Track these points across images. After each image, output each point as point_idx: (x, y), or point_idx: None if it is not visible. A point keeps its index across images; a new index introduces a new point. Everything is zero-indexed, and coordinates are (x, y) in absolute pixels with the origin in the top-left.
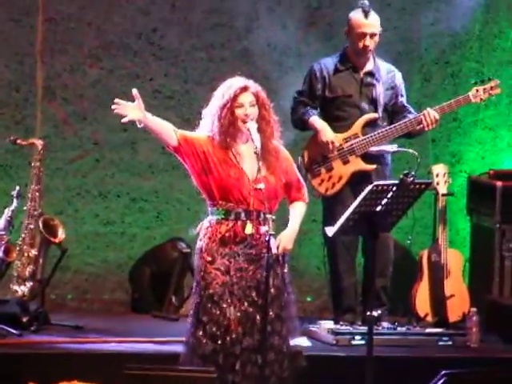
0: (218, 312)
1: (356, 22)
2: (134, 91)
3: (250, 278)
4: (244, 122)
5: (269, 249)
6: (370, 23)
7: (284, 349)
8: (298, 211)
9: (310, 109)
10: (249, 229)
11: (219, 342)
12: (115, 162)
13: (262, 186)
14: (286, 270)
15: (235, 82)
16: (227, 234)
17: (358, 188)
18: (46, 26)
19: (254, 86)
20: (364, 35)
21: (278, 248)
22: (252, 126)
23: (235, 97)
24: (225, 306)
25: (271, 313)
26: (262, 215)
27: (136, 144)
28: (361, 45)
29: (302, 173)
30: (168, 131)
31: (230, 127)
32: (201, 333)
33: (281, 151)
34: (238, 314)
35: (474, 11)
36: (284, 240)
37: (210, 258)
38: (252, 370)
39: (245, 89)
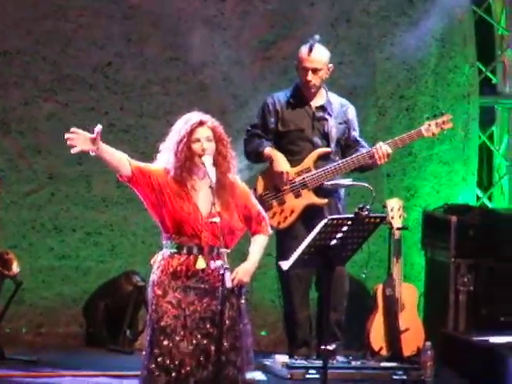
0: (171, 344)
1: (300, 56)
2: (98, 128)
3: (204, 310)
4: (200, 156)
5: (223, 282)
6: (313, 59)
7: (239, 380)
8: (258, 244)
9: (264, 140)
10: (200, 263)
11: (173, 374)
12: (70, 195)
13: (216, 219)
14: (242, 301)
15: (192, 117)
16: (179, 268)
17: (311, 222)
18: (0, 60)
19: (211, 121)
20: (306, 70)
21: (233, 280)
22: (207, 160)
23: (192, 131)
24: (177, 338)
25: (226, 343)
26: (215, 250)
27: (91, 177)
28: (304, 79)
29: None
30: (122, 161)
31: (186, 162)
32: (153, 365)
33: (238, 186)
34: (191, 348)
35: (429, 46)
36: (241, 272)
37: (161, 292)
38: None
39: (201, 123)
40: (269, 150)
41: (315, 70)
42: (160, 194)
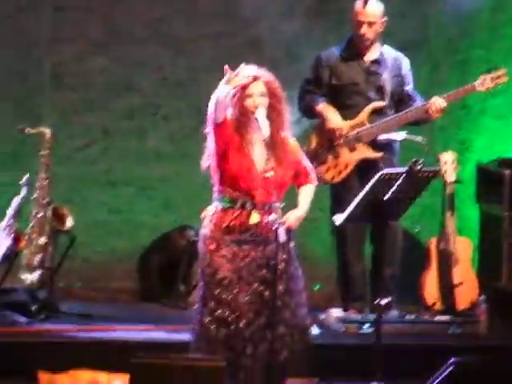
0: (230, 297)
1: (355, 10)
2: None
3: (259, 258)
4: (253, 112)
5: (277, 237)
6: (368, 12)
7: (294, 322)
8: (307, 193)
9: (317, 96)
10: (254, 218)
11: (232, 327)
12: (123, 149)
13: (270, 173)
14: (291, 245)
15: (247, 71)
16: (232, 223)
17: (366, 176)
18: (54, 15)
19: (265, 76)
20: (361, 23)
21: (286, 229)
22: (260, 114)
23: (245, 87)
24: (235, 291)
25: (280, 287)
26: (267, 205)
27: (144, 132)
28: (359, 32)
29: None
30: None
31: (240, 117)
32: (209, 319)
33: (289, 142)
34: (248, 298)
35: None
36: (291, 218)
37: (214, 246)
38: (263, 347)
39: (255, 78)
40: (321, 107)
41: (370, 24)
42: (226, 145)
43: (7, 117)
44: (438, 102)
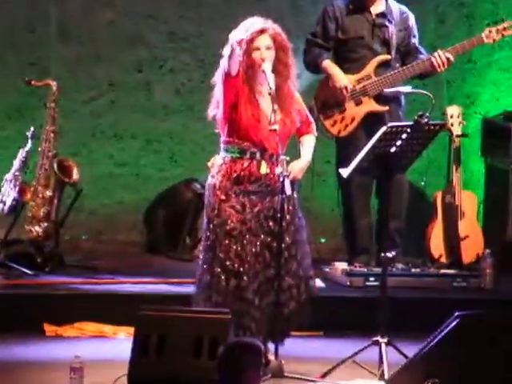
0: (239, 248)
1: None
2: None
3: (267, 209)
4: (260, 65)
5: (283, 190)
6: None
7: (300, 273)
8: (309, 143)
9: (323, 51)
10: (264, 168)
11: (244, 277)
12: (130, 103)
13: (276, 127)
14: (295, 196)
15: (253, 24)
16: (242, 173)
17: (372, 129)
18: None
19: (272, 28)
20: None
21: (291, 182)
22: (267, 67)
23: (251, 40)
24: (245, 242)
25: (287, 238)
26: (275, 156)
27: (151, 85)
28: None
29: (315, 114)
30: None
31: (248, 70)
32: (219, 269)
33: (294, 93)
34: (256, 249)
35: None
36: (295, 169)
37: (224, 197)
38: (269, 299)
39: (261, 31)
40: (327, 63)
41: None
42: (236, 96)
43: (13, 69)
44: (443, 55)
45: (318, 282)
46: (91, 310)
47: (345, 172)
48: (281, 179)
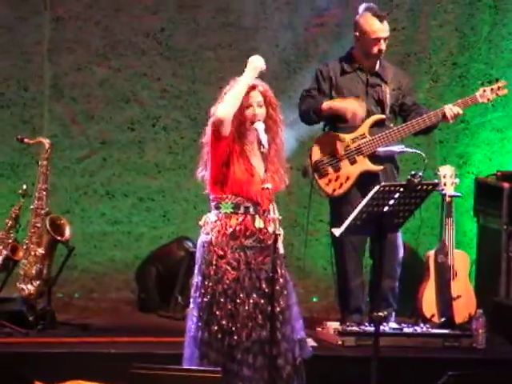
0: (233, 308)
1: (371, 27)
2: None
3: (259, 270)
4: (252, 122)
5: (275, 249)
6: (385, 28)
7: (294, 336)
8: None
9: (319, 97)
10: (258, 223)
11: (235, 337)
12: (122, 161)
13: (269, 185)
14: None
15: None
16: (237, 228)
17: (366, 189)
18: (53, 25)
19: (261, 85)
20: (379, 40)
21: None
22: (260, 126)
23: (244, 97)
24: (238, 301)
25: (281, 302)
26: (268, 212)
27: (143, 143)
28: (376, 49)
29: (309, 173)
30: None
31: (239, 127)
32: (216, 328)
33: (283, 150)
34: (247, 308)
35: (482, 13)
36: None
37: (221, 253)
38: (264, 361)
39: (253, 88)
40: (327, 103)
41: (385, 39)
42: (229, 153)
43: (6, 127)
44: (455, 108)
45: (311, 342)
46: (83, 368)
47: (337, 231)
48: (273, 237)
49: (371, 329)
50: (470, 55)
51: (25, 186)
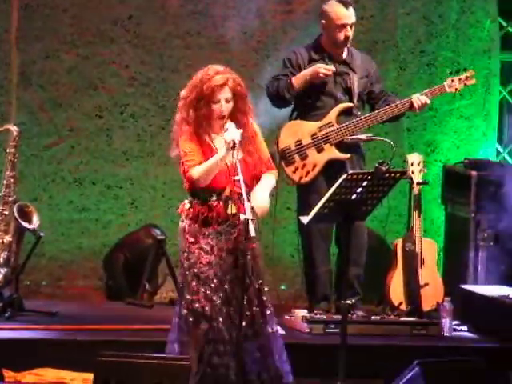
0: (208, 292)
1: (336, 13)
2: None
3: (232, 252)
4: (219, 117)
5: (247, 232)
6: (351, 14)
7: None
8: (268, 179)
9: (288, 77)
10: (231, 208)
11: (213, 323)
12: (90, 148)
13: (238, 177)
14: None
15: (215, 76)
16: (210, 215)
17: (333, 177)
18: (21, 13)
19: (231, 80)
20: (345, 26)
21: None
22: (230, 125)
23: (213, 92)
24: (212, 286)
25: (257, 285)
26: (241, 198)
27: (111, 131)
28: (342, 36)
29: (276, 160)
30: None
31: (203, 120)
32: (185, 311)
33: (257, 133)
34: (223, 295)
35: (449, 0)
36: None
37: (192, 239)
38: (237, 348)
39: (224, 84)
40: (295, 76)
41: (352, 25)
42: (199, 145)
43: None
44: (423, 98)
45: (279, 329)
46: (51, 356)
47: (305, 219)
48: (243, 224)
49: (339, 317)
50: (438, 43)
51: None
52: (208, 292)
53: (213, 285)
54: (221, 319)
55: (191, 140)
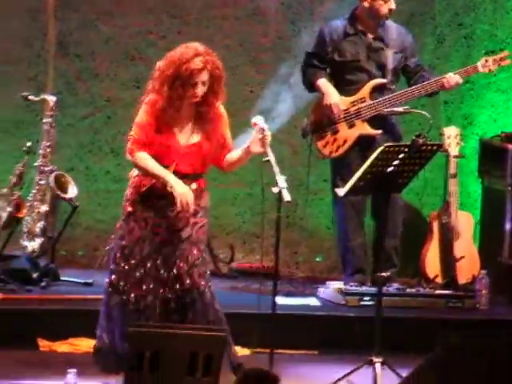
0: (126, 267)
1: None
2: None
3: (166, 235)
4: (192, 99)
5: (281, 201)
6: None
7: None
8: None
9: (318, 71)
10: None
11: (124, 297)
12: (127, 118)
13: (269, 158)
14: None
15: (194, 58)
16: (151, 188)
17: (364, 153)
18: None
19: (210, 62)
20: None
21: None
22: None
23: (191, 75)
24: (133, 261)
25: (187, 266)
26: (191, 176)
27: None
28: (385, 9)
29: (308, 134)
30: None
31: (176, 100)
32: (107, 280)
33: (223, 117)
34: (143, 271)
35: None
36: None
37: (130, 208)
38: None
39: (203, 68)
40: (320, 82)
41: None
42: (156, 120)
43: (11, 84)
44: (455, 77)
45: (314, 301)
46: (86, 325)
47: (341, 191)
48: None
49: (374, 289)
50: (476, 16)
51: (29, 144)
52: (126, 267)
53: (134, 261)
54: (133, 295)
55: (152, 113)
